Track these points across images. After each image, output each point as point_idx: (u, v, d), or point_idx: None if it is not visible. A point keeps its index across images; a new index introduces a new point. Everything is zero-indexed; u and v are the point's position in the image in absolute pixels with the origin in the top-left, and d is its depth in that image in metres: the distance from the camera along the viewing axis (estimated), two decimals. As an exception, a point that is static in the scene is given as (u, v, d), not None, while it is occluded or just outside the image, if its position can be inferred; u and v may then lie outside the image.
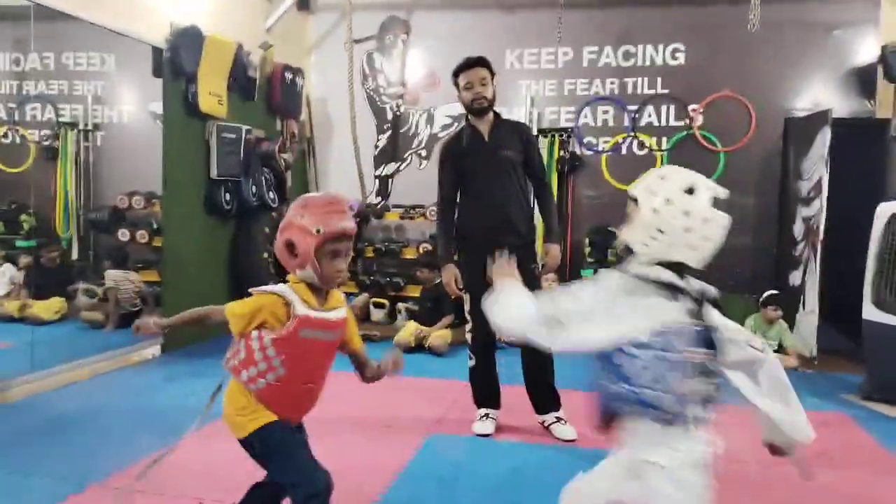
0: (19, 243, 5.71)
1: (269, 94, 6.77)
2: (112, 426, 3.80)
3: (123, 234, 5.84)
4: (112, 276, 5.70)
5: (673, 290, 1.77)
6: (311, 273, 2.12)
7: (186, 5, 5.63)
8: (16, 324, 5.31)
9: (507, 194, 3.72)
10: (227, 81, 5.91)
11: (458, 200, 3.84)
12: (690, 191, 1.78)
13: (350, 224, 2.18)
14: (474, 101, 3.73)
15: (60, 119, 5.89)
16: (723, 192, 1.80)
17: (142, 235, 5.82)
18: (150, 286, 5.84)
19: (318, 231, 2.09)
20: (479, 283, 3.77)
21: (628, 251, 1.84)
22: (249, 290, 2.18)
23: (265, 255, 6.20)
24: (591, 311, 1.74)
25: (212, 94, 5.69)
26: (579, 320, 1.74)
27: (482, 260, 3.73)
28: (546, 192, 3.93)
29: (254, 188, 6.22)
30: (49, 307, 5.52)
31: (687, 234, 1.76)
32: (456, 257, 3.85)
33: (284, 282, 2.19)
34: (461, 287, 3.75)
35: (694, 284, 1.82)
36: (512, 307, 1.85)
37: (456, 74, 3.78)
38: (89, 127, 5.96)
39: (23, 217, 5.64)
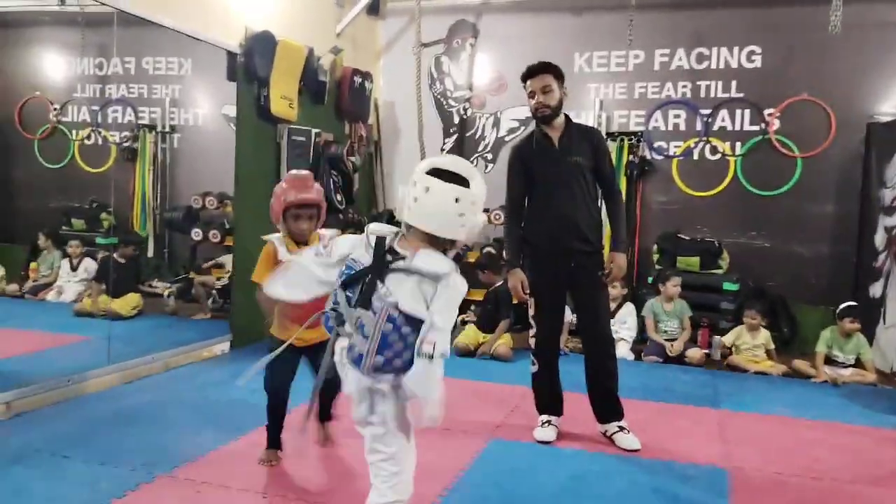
0: (99, 240, 5.96)
1: (339, 97, 6.87)
2: (181, 419, 3.92)
3: (197, 234, 6.03)
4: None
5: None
6: (283, 228, 3.05)
7: (260, 11, 5.76)
8: (95, 319, 5.53)
9: (575, 201, 3.67)
10: (298, 85, 6.02)
11: (526, 205, 3.82)
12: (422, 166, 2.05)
13: (307, 195, 3.03)
14: (537, 111, 3.69)
15: (140, 121, 6.11)
16: (443, 163, 2.04)
17: (214, 235, 5.99)
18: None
19: (284, 199, 3.00)
20: (544, 289, 3.74)
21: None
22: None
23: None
24: None
25: (283, 97, 5.81)
26: None
27: (548, 266, 3.71)
28: (615, 199, 3.85)
29: (322, 190, 6.30)
30: (127, 303, 5.73)
31: (407, 196, 2.05)
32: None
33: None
34: (527, 292, 3.72)
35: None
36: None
37: (523, 80, 3.75)
38: (166, 129, 6.18)
39: (103, 215, 5.88)
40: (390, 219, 7.24)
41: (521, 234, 3.80)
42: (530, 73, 3.70)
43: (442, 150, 7.57)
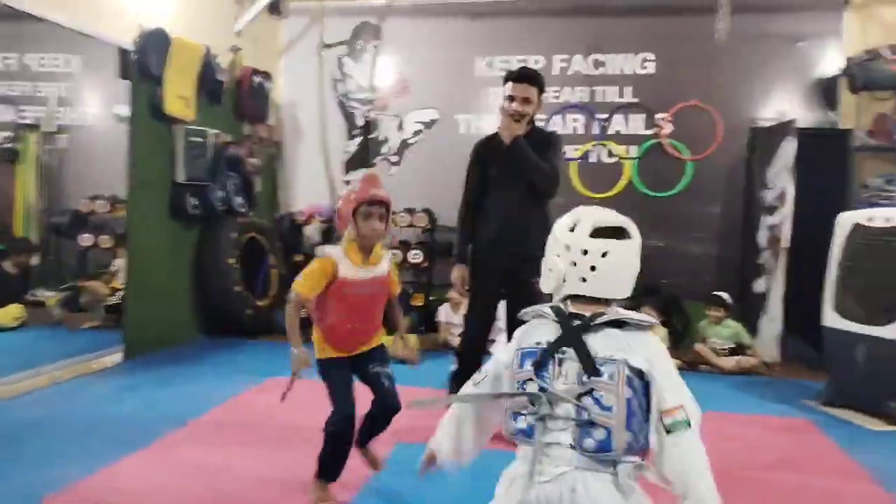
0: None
1: (238, 97, 6.71)
2: (69, 436, 3.71)
3: (85, 239, 5.74)
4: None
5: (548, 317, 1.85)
6: (352, 231, 2.79)
7: (154, 7, 5.56)
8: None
9: (523, 206, 3.70)
10: (195, 84, 5.85)
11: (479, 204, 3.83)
12: (572, 228, 1.84)
13: (379, 192, 2.80)
14: (511, 115, 3.70)
15: (22, 121, 5.77)
16: (602, 219, 1.84)
17: (105, 240, 5.72)
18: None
19: (354, 197, 2.79)
20: (479, 289, 3.77)
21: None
22: (316, 252, 2.90)
23: (232, 260, 6.11)
24: None
25: (179, 97, 5.62)
26: None
27: (486, 266, 3.74)
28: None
29: (221, 193, 6.15)
30: (8, 314, 5.39)
31: (573, 267, 1.80)
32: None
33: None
34: (468, 288, 3.74)
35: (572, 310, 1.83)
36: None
37: (505, 80, 3.75)
38: (52, 129, 5.86)
39: (-20, 221, 5.53)
40: (292, 223, 7.13)
41: (471, 230, 3.81)
42: (517, 78, 3.70)
43: (346, 152, 7.49)
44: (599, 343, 1.73)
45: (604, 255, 1.79)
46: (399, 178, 7.25)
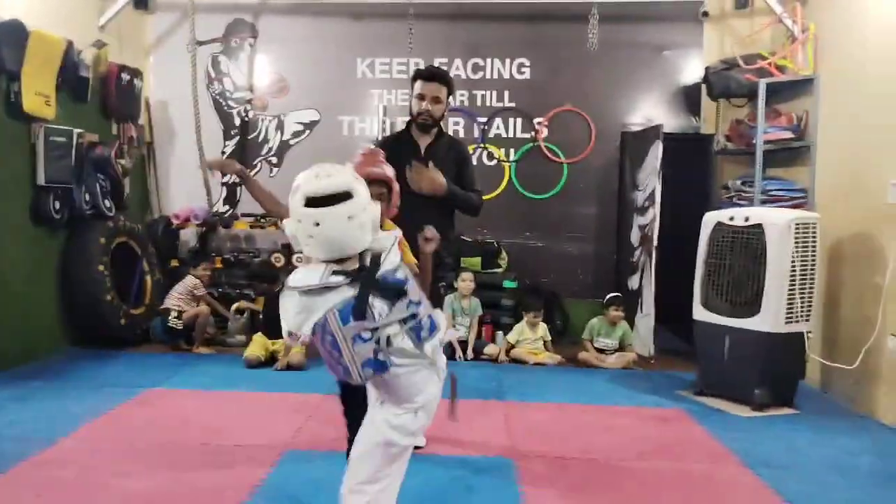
0: None
1: (104, 95, 6.33)
2: (-80, 462, 3.39)
3: (-68, 247, 5.24)
4: None
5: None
6: None
7: (8, -4, 5.16)
8: None
9: (429, 213, 3.65)
10: (56, 81, 5.47)
11: None
12: (295, 196, 1.97)
13: (377, 169, 2.72)
14: (420, 115, 3.61)
15: None
16: (314, 189, 1.94)
17: (-46, 248, 5.25)
18: None
19: None
20: None
21: None
22: None
23: (101, 267, 5.76)
24: None
25: (38, 93, 5.25)
26: None
27: None
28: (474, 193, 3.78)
29: (87, 196, 5.79)
30: None
31: (305, 235, 1.96)
32: None
33: None
34: None
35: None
36: None
37: (414, 78, 3.66)
38: None
39: None
40: (166, 227, 6.84)
41: None
42: (427, 77, 3.60)
43: (223, 153, 7.24)
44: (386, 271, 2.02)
45: (317, 224, 1.91)
46: (280, 180, 7.08)
